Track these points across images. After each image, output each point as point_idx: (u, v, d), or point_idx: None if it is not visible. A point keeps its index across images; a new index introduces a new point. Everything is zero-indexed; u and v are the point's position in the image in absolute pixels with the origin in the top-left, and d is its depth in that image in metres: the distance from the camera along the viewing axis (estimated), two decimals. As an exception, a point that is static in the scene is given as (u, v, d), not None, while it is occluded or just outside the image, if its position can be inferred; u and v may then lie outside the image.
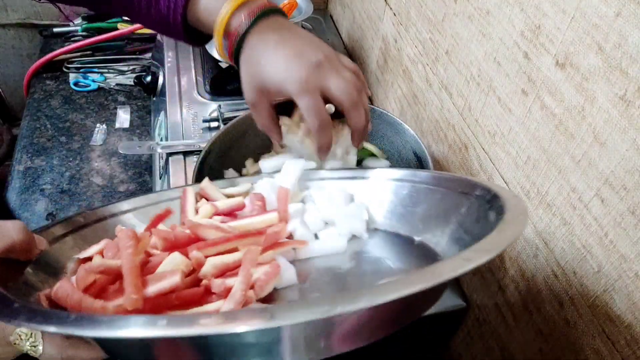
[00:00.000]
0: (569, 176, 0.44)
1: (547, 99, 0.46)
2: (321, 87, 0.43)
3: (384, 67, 0.86)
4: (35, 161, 0.90)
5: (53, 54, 1.05)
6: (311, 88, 0.42)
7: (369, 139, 0.70)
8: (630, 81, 0.36)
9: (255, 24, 0.45)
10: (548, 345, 0.50)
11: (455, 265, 0.26)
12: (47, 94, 1.03)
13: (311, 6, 0.94)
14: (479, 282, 0.62)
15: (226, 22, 0.45)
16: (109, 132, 0.97)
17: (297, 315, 0.23)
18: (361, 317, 0.28)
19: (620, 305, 0.40)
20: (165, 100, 0.86)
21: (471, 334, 0.66)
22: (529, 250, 0.51)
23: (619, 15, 0.37)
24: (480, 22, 0.54)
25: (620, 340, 0.41)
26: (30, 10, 1.21)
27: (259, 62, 0.44)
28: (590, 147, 0.41)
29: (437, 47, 0.65)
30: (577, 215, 0.44)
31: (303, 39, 0.45)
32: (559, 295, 0.47)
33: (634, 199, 0.38)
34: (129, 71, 1.09)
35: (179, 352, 0.27)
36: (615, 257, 0.40)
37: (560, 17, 0.42)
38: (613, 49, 0.37)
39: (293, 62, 0.42)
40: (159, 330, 0.22)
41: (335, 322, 0.27)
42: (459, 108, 0.62)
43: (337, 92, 0.43)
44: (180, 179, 0.73)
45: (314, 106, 0.42)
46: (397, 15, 0.78)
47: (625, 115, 0.37)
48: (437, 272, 0.25)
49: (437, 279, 0.25)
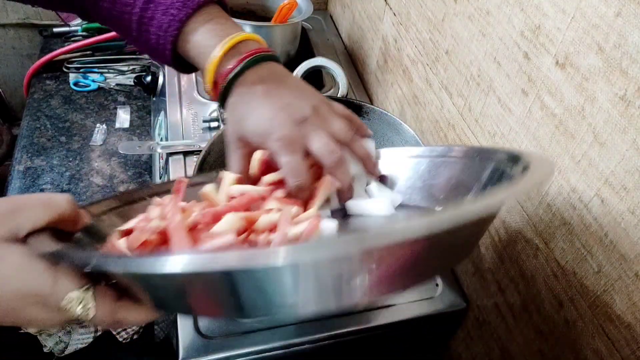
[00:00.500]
0: (569, 176, 0.44)
1: (547, 99, 0.46)
2: (303, 145, 0.41)
3: (384, 67, 0.86)
4: (35, 161, 0.90)
5: (53, 54, 1.05)
6: (292, 147, 0.41)
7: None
8: (630, 81, 0.36)
9: (244, 71, 0.44)
10: (548, 345, 0.50)
11: (500, 195, 0.26)
12: (47, 94, 1.03)
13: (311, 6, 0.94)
14: (479, 282, 0.61)
15: (216, 66, 0.44)
16: (109, 132, 0.97)
17: (328, 247, 0.23)
18: (404, 251, 0.27)
19: (620, 305, 0.40)
20: (165, 100, 0.86)
21: (471, 334, 0.66)
22: (529, 250, 0.51)
23: (619, 15, 0.37)
24: (480, 22, 0.54)
25: (620, 340, 0.41)
26: (30, 10, 1.21)
27: (243, 112, 0.43)
28: (590, 147, 0.41)
29: (437, 47, 0.65)
30: (577, 215, 0.44)
31: (291, 90, 0.44)
32: (558, 295, 0.47)
33: (634, 199, 0.38)
34: (129, 71, 1.09)
35: (217, 293, 0.27)
36: (615, 257, 0.40)
37: (560, 17, 0.42)
38: (613, 49, 0.37)
39: (277, 116, 0.41)
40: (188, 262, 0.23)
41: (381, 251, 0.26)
42: (459, 108, 0.62)
43: (318, 152, 0.41)
44: (180, 179, 0.73)
45: (293, 167, 0.40)
46: (397, 15, 0.78)
47: (625, 115, 0.37)
48: (486, 202, 0.25)
49: (489, 207, 0.25)
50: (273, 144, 0.41)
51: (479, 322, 0.63)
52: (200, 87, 0.89)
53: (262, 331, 0.57)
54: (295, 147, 0.41)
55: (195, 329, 0.56)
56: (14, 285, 0.28)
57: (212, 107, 0.85)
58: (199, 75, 0.92)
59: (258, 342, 0.56)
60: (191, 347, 0.55)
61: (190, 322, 0.57)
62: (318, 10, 1.17)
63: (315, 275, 0.26)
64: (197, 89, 0.89)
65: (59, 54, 1.06)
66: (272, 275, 0.25)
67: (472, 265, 0.63)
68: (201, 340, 0.55)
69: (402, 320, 0.60)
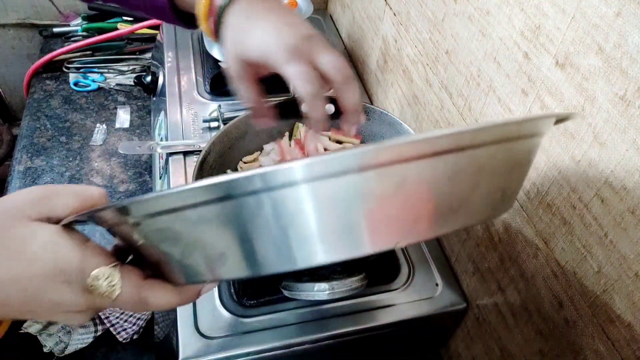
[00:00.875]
0: (569, 176, 0.44)
1: (547, 99, 0.46)
2: (312, 59, 0.40)
3: (384, 67, 0.86)
4: (35, 161, 0.90)
5: (53, 54, 1.05)
6: (302, 56, 0.39)
7: (367, 139, 0.70)
8: (630, 81, 0.36)
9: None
10: (548, 345, 0.50)
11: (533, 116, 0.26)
12: (47, 94, 1.03)
13: (311, 6, 0.94)
14: (479, 282, 0.62)
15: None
16: (109, 132, 0.97)
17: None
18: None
19: (620, 305, 0.41)
20: (165, 100, 0.86)
21: (471, 334, 0.66)
22: (529, 250, 0.51)
23: (619, 15, 0.37)
24: (480, 22, 0.54)
25: (620, 340, 0.41)
26: (30, 10, 1.21)
27: (244, 29, 0.41)
28: (590, 147, 0.41)
29: (437, 47, 0.65)
30: (577, 215, 0.44)
31: (293, 14, 0.42)
32: (558, 295, 0.47)
33: (634, 199, 0.38)
34: (129, 71, 1.09)
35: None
36: (615, 257, 0.40)
37: (560, 17, 0.42)
38: (613, 49, 0.37)
39: (283, 30, 0.39)
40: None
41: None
42: (459, 108, 0.62)
43: (328, 65, 0.40)
44: (180, 179, 0.73)
45: (306, 73, 0.38)
46: (397, 15, 0.78)
47: (625, 115, 0.37)
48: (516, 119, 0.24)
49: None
50: (280, 54, 0.39)
51: (478, 322, 0.63)
52: (200, 87, 0.89)
53: (262, 331, 0.57)
54: (304, 58, 0.39)
55: (196, 329, 0.56)
56: (43, 262, 0.28)
57: (212, 107, 0.85)
58: (199, 75, 0.92)
59: (258, 342, 0.56)
60: (191, 347, 0.55)
61: (190, 322, 0.57)
62: (318, 10, 1.17)
63: (336, 202, 0.24)
64: (197, 89, 0.89)
65: (59, 54, 1.06)
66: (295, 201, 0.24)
67: (472, 265, 0.63)
68: (201, 340, 0.55)
69: (402, 320, 0.61)
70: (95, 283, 0.29)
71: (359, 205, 0.24)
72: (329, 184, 0.23)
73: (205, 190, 0.24)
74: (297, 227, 0.25)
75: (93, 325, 0.73)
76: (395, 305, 0.61)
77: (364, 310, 0.60)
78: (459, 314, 0.65)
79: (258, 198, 0.24)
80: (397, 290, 0.63)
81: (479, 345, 0.64)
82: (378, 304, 0.61)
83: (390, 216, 0.25)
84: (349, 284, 0.52)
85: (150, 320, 0.74)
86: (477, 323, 0.64)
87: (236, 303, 0.59)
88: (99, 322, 0.73)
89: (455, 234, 0.66)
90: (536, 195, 0.49)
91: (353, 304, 0.61)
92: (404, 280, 0.64)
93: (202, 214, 0.25)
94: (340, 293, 0.51)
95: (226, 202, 0.24)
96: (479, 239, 0.60)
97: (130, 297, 0.30)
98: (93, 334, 0.73)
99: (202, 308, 0.58)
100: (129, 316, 0.73)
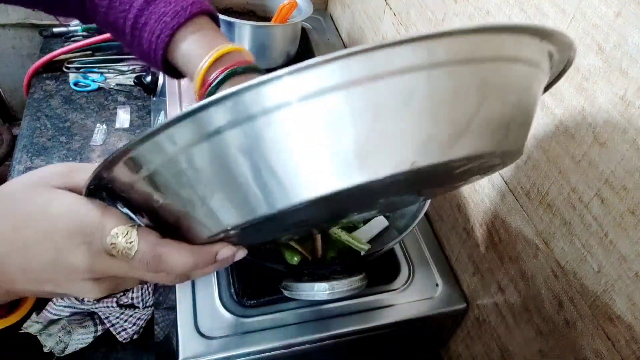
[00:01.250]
0: (569, 176, 0.44)
1: (547, 99, 0.46)
2: None
3: (384, 67, 0.86)
4: (35, 161, 0.90)
5: (53, 54, 1.05)
6: None
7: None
8: (630, 81, 0.36)
9: (226, 79, 0.48)
10: (548, 345, 0.50)
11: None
12: (47, 94, 1.03)
13: (311, 6, 0.94)
14: (479, 282, 0.62)
15: (202, 76, 0.49)
16: (109, 132, 0.97)
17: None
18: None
19: (620, 305, 0.41)
20: (165, 100, 0.86)
21: (471, 334, 0.66)
22: (529, 250, 0.51)
23: (619, 15, 0.37)
24: (480, 22, 0.54)
25: (620, 340, 0.41)
26: (30, 10, 1.21)
27: None
28: (590, 147, 0.41)
29: (437, 47, 0.65)
30: (577, 215, 0.44)
31: None
32: (558, 295, 0.47)
33: (634, 199, 0.38)
34: (129, 71, 1.09)
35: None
36: (615, 257, 0.40)
37: (560, 17, 0.42)
38: (613, 49, 0.37)
39: None
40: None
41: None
42: (459, 108, 0.62)
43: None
44: (180, 179, 0.73)
45: None
46: (397, 15, 0.78)
47: (625, 115, 0.37)
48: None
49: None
50: None
51: (478, 322, 0.63)
52: (200, 87, 0.89)
53: (262, 331, 0.57)
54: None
55: (196, 329, 0.56)
56: (66, 219, 0.30)
57: (212, 107, 0.85)
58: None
59: (258, 342, 0.56)
60: (191, 347, 0.55)
61: (190, 322, 0.57)
62: (318, 10, 1.17)
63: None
64: (197, 89, 0.89)
65: (59, 54, 1.06)
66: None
67: (472, 265, 0.63)
68: (201, 341, 0.55)
69: (402, 320, 0.61)
70: (114, 240, 0.30)
71: (370, 119, 0.23)
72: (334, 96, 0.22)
73: (232, 104, 0.23)
74: (333, 141, 0.23)
75: (93, 325, 0.73)
76: (395, 306, 0.61)
77: (364, 310, 0.60)
78: (459, 314, 0.65)
79: (289, 108, 0.22)
80: (397, 291, 0.63)
81: (479, 345, 0.64)
82: (378, 304, 0.61)
83: (403, 130, 0.23)
84: (349, 284, 0.52)
85: (150, 320, 0.74)
86: (477, 323, 0.64)
87: (236, 303, 0.59)
88: (99, 322, 0.73)
89: (455, 234, 0.66)
90: (536, 195, 0.49)
91: (353, 304, 0.61)
92: (404, 281, 0.64)
93: (222, 141, 0.24)
94: (340, 293, 0.51)
95: (250, 122, 0.23)
96: (479, 239, 0.60)
97: (147, 255, 0.31)
98: (93, 334, 0.73)
99: (202, 308, 0.58)
100: (129, 316, 0.73)
